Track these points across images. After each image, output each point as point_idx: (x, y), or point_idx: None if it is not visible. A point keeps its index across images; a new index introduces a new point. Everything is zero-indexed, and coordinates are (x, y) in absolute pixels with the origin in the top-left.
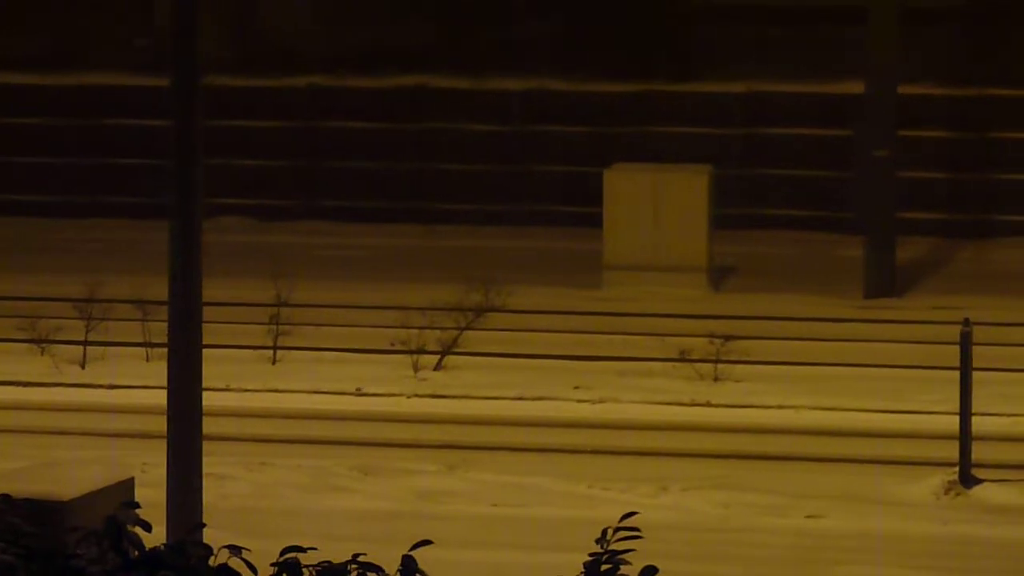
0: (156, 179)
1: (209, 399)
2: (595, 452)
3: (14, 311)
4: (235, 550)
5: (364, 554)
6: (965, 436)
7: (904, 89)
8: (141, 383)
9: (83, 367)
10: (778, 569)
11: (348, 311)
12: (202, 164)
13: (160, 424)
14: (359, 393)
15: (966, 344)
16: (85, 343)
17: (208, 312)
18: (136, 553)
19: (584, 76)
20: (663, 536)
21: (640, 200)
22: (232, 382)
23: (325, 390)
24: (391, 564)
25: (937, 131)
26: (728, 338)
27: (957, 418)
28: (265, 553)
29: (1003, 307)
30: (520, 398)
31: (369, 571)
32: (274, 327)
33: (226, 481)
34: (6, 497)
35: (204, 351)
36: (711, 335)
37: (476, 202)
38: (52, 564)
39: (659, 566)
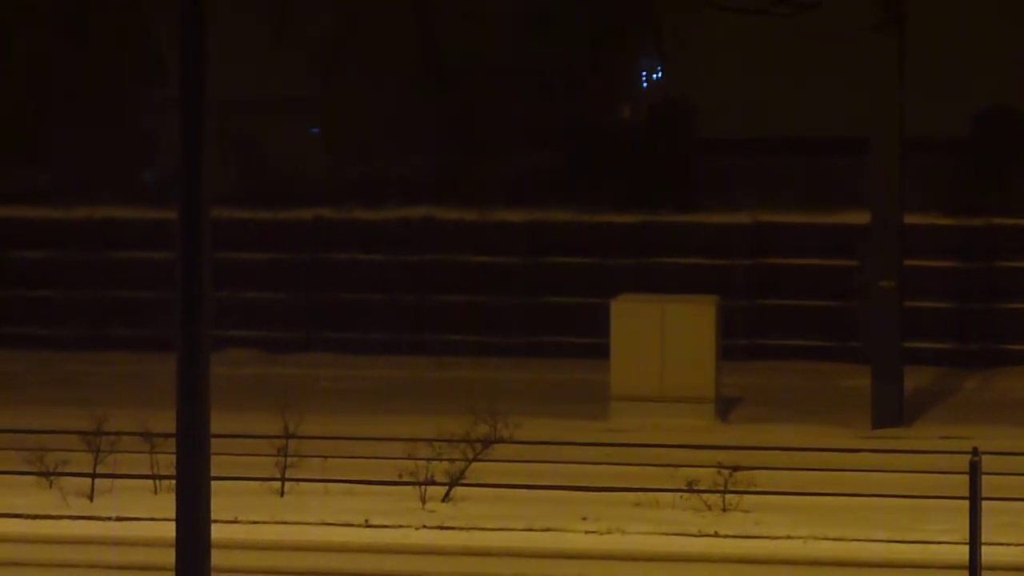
0: (162, 311)
1: (217, 531)
2: None
3: (21, 444)
4: None
5: None
6: (975, 566)
7: (910, 219)
8: (149, 515)
9: (91, 500)
10: None
11: (355, 443)
12: (211, 297)
13: (168, 556)
14: (367, 525)
15: (975, 474)
16: (93, 475)
17: (216, 444)
18: None
19: (589, 207)
20: None
21: (647, 331)
22: (240, 514)
23: (333, 522)
24: None
25: (943, 261)
26: (736, 468)
27: (967, 548)
28: None
29: (1011, 436)
30: (528, 529)
31: None
32: (282, 459)
33: None
34: None
35: (212, 483)
36: (719, 465)
37: (482, 333)
38: None
39: None
